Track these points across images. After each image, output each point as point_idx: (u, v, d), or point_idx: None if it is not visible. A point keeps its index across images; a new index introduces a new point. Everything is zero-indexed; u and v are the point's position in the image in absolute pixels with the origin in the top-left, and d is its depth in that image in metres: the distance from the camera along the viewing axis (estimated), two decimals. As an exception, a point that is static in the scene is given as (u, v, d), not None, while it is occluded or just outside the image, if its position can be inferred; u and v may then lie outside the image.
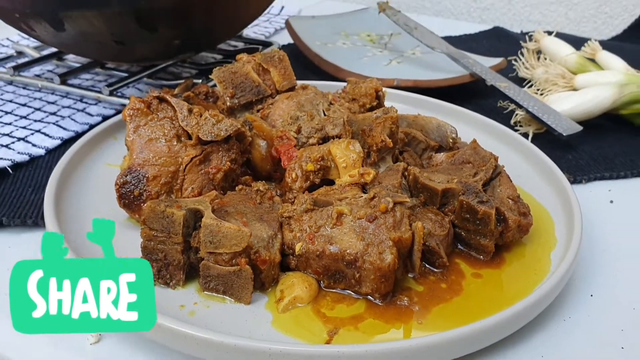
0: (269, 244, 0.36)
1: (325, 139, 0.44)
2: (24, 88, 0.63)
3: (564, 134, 0.55)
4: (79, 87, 0.60)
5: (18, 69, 0.63)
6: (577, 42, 0.84)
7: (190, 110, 0.41)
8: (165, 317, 0.31)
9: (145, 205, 0.35)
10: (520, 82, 0.72)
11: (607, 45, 0.85)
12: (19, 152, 0.51)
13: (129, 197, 0.40)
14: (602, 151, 0.57)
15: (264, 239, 0.36)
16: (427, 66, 0.70)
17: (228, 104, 0.49)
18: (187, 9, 0.51)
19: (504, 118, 0.62)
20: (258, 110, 0.50)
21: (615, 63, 0.65)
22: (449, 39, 0.86)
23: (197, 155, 0.40)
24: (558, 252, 0.40)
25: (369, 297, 0.35)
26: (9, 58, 0.68)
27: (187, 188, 0.40)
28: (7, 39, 0.80)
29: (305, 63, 0.74)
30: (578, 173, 0.53)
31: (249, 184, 0.43)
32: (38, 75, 0.65)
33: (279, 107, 0.48)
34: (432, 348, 0.31)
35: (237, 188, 0.41)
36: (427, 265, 0.38)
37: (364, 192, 0.38)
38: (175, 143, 0.41)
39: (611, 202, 0.50)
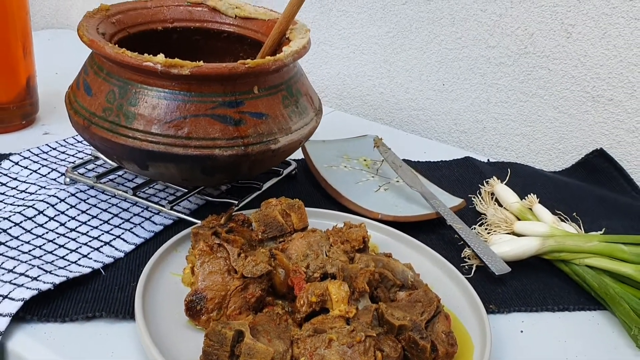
0: (283, 356, 0.56)
1: (325, 274, 0.65)
2: (102, 192, 0.83)
3: (496, 274, 0.76)
4: (145, 199, 0.81)
5: (99, 177, 0.83)
6: (529, 176, 1.07)
7: (239, 254, 0.62)
8: (219, 401, 0.51)
9: (210, 326, 0.56)
10: (477, 214, 0.93)
11: (553, 180, 1.07)
12: (107, 256, 0.71)
13: (193, 310, 0.60)
14: (524, 287, 0.78)
15: (280, 353, 0.56)
16: (406, 197, 0.92)
17: (260, 236, 0.70)
18: (238, 165, 0.72)
19: (458, 249, 0.83)
20: (280, 242, 0.71)
21: (545, 216, 0.86)
22: (428, 164, 1.08)
23: (240, 285, 0.61)
24: (471, 372, 0.61)
25: (343, 396, 0.56)
26: (88, 162, 0.88)
27: (231, 307, 0.61)
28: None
29: (314, 182, 0.95)
30: (502, 305, 0.74)
31: (271, 303, 0.63)
32: (111, 180, 0.86)
33: (294, 244, 0.69)
34: None
35: (264, 310, 0.62)
36: (383, 376, 0.59)
37: (348, 324, 0.59)
38: (227, 276, 0.61)
39: (521, 331, 0.71)
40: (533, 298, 0.76)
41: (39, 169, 0.88)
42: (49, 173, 0.87)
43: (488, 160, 1.13)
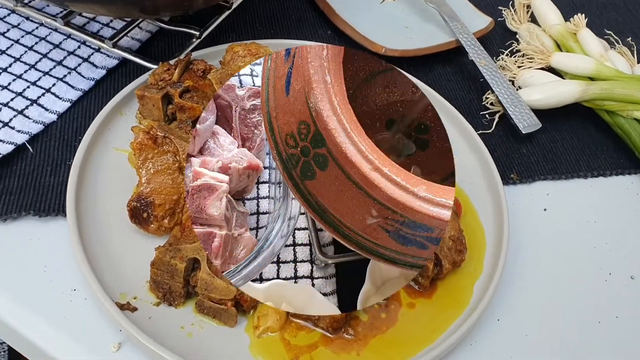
0: (250, 283, 0.46)
1: (306, 161, 0.51)
2: (27, 19, 0.65)
3: (523, 132, 0.62)
4: (80, 27, 0.63)
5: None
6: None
7: (190, 150, 0.47)
8: (168, 351, 0.42)
9: (156, 253, 0.44)
10: (507, 32, 0.75)
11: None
12: (34, 121, 0.56)
13: (139, 217, 0.48)
14: (554, 145, 0.64)
15: (247, 281, 0.45)
16: (420, 11, 0.72)
17: (223, 102, 0.54)
18: (188, 5, 0.53)
19: (480, 87, 0.67)
20: (250, 108, 0.55)
21: (592, 46, 0.68)
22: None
23: (196, 187, 0.48)
24: (480, 283, 0.51)
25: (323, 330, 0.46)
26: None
27: (186, 212, 0.48)
28: None
29: (305, -12, 0.75)
30: (525, 173, 0.61)
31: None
32: (39, 10, 0.66)
33: (269, 115, 0.53)
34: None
35: (227, 218, 0.49)
36: (374, 297, 0.49)
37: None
38: (177, 175, 0.48)
39: (545, 210, 0.59)
40: (563, 161, 0.63)
41: (-57, -21, 0.67)
42: (-44, -14, 0.67)
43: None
